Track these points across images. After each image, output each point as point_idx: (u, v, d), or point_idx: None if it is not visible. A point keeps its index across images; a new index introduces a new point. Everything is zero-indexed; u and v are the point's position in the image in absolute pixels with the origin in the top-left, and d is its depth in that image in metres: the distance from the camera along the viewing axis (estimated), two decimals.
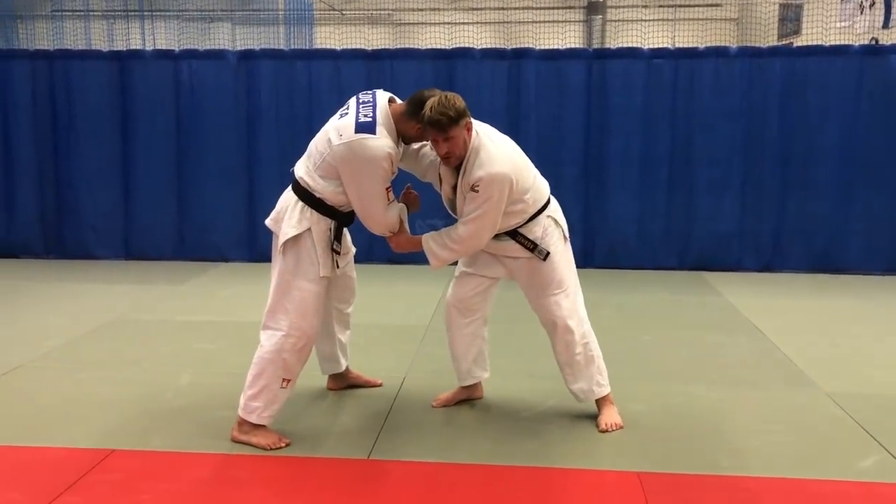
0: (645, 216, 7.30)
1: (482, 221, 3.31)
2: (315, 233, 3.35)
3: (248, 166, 7.52)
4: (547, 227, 3.47)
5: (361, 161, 3.24)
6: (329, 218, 3.38)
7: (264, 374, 3.37)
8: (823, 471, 3.20)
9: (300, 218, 3.34)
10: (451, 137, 3.23)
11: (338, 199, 3.36)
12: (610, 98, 7.23)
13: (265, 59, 7.50)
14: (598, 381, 3.59)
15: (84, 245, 7.70)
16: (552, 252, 3.46)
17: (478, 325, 3.73)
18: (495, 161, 3.27)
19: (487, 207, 3.27)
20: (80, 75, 7.53)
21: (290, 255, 3.36)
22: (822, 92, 7.01)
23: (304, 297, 3.36)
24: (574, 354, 3.53)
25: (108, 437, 3.46)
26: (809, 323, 5.56)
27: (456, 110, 3.20)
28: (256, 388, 3.37)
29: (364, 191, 3.30)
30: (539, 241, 3.44)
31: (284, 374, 3.38)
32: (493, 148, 3.32)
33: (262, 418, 3.38)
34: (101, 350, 4.79)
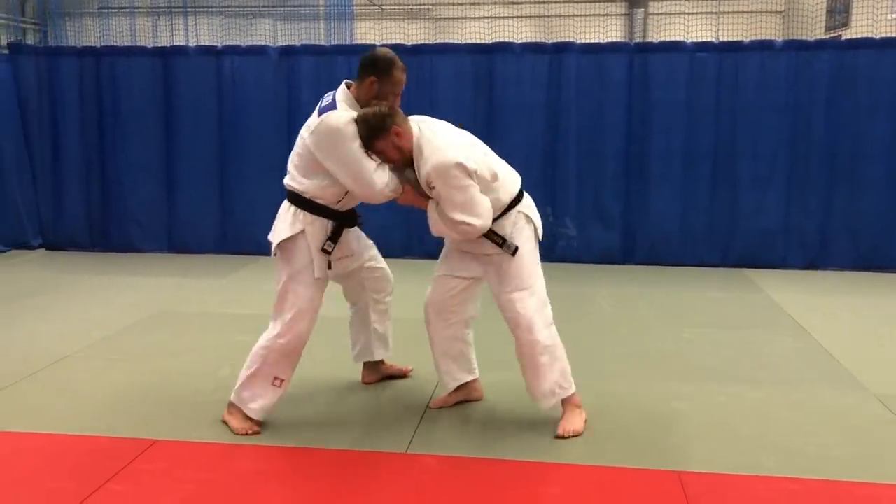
0: (687, 212, 7.20)
1: (463, 210, 3.20)
2: (309, 234, 3.36)
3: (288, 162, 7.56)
4: (517, 223, 3.39)
5: (330, 135, 3.21)
6: (324, 218, 3.38)
7: (254, 367, 3.47)
8: (872, 474, 3.13)
9: (293, 220, 3.37)
10: (380, 151, 3.24)
11: (327, 194, 3.35)
12: (652, 92, 7.14)
13: (306, 55, 7.55)
14: (560, 384, 3.45)
15: (129, 238, 7.84)
16: (521, 248, 3.37)
17: (457, 327, 3.65)
18: (437, 151, 3.20)
19: (454, 198, 3.20)
20: (126, 71, 7.66)
21: (286, 257, 3.41)
22: (871, 86, 6.83)
23: (298, 300, 3.41)
24: (537, 355, 3.40)
25: (152, 427, 3.52)
26: (856, 322, 5.43)
27: (368, 128, 3.19)
28: (245, 379, 3.49)
29: (344, 161, 3.22)
30: (508, 236, 3.35)
31: (274, 371, 3.46)
32: (434, 139, 3.25)
33: (250, 410, 3.46)
34: (145, 342, 4.88)
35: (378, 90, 3.30)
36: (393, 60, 3.32)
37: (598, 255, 7.33)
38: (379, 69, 3.29)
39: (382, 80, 3.29)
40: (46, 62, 7.75)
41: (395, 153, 3.26)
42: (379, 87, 3.29)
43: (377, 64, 3.30)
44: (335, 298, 5.76)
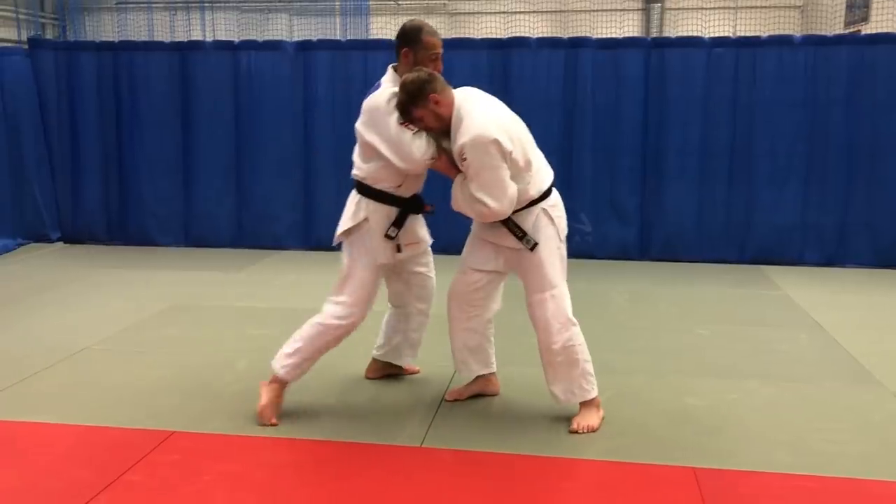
0: (704, 208, 7.17)
1: (488, 191, 3.19)
2: (372, 221, 3.41)
3: (305, 156, 7.62)
4: (539, 220, 3.35)
5: (371, 112, 3.32)
6: (388, 205, 3.42)
7: (306, 336, 3.51)
8: (887, 471, 3.11)
9: (356, 210, 3.45)
10: (418, 119, 3.25)
11: (386, 177, 3.38)
12: (669, 88, 7.11)
13: (322, 50, 7.56)
14: (581, 385, 3.45)
15: (146, 232, 7.91)
16: (541, 247, 3.35)
17: (479, 321, 3.65)
18: (476, 124, 3.19)
19: (483, 175, 3.18)
20: (144, 66, 7.71)
21: (351, 242, 3.48)
22: (891, 81, 6.77)
23: (359, 285, 3.46)
24: (554, 355, 3.42)
25: (170, 419, 3.56)
26: (873, 320, 5.40)
27: (408, 95, 3.21)
28: (293, 343, 3.53)
29: (384, 135, 3.28)
30: (529, 231, 3.34)
31: (323, 348, 3.53)
32: (476, 112, 3.24)
33: (287, 372, 3.51)
34: (162, 334, 4.92)
35: (414, 59, 3.37)
36: (420, 26, 3.40)
37: (613, 251, 7.31)
38: (409, 38, 3.38)
39: (415, 48, 3.36)
40: (65, 57, 7.81)
41: (434, 121, 3.26)
42: (413, 55, 3.37)
43: (406, 34, 3.40)
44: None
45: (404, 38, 3.40)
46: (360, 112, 3.39)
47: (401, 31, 3.43)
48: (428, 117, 3.25)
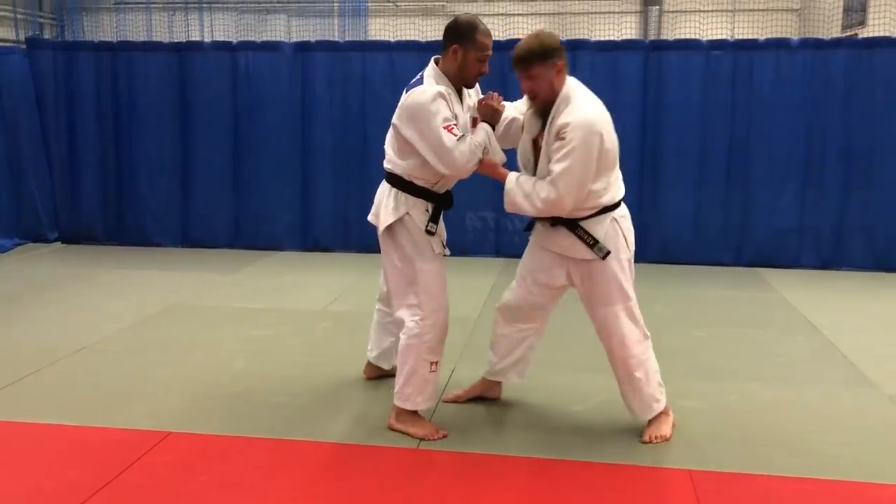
0: (701, 211, 7.18)
1: (570, 178, 3.05)
2: (414, 215, 3.31)
3: (303, 157, 7.62)
4: (608, 230, 3.24)
5: (414, 109, 3.17)
6: (425, 200, 3.33)
7: (409, 360, 3.36)
8: (883, 474, 3.12)
9: (395, 204, 3.31)
10: (534, 77, 3.12)
11: (425, 175, 3.30)
12: (666, 90, 7.12)
13: (320, 51, 7.56)
14: (656, 398, 3.41)
15: (144, 232, 7.90)
16: (612, 255, 3.24)
17: (525, 334, 3.57)
18: (587, 110, 3.09)
19: (574, 159, 3.04)
20: (142, 66, 7.71)
21: (402, 240, 3.34)
22: (888, 85, 6.78)
23: (427, 278, 3.34)
24: (631, 370, 3.35)
25: (167, 419, 3.56)
26: (870, 323, 5.41)
27: (543, 47, 3.08)
28: (405, 376, 3.39)
29: (426, 136, 3.15)
30: (602, 238, 3.23)
31: (430, 357, 3.37)
32: (588, 101, 3.15)
33: (417, 404, 3.40)
34: (160, 335, 4.92)
35: (462, 58, 3.22)
36: (475, 24, 3.23)
37: None
38: (462, 35, 3.21)
39: (466, 46, 3.21)
40: (63, 57, 7.81)
41: (545, 87, 3.14)
42: (463, 54, 3.22)
43: (459, 30, 3.23)
44: (344, 296, 5.78)
45: (456, 34, 3.22)
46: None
47: (453, 25, 3.25)
48: (543, 80, 3.12)
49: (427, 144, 3.18)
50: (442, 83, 3.25)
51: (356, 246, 7.65)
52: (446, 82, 3.27)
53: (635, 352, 3.34)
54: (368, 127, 7.46)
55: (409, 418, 3.42)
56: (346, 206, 7.63)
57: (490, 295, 5.98)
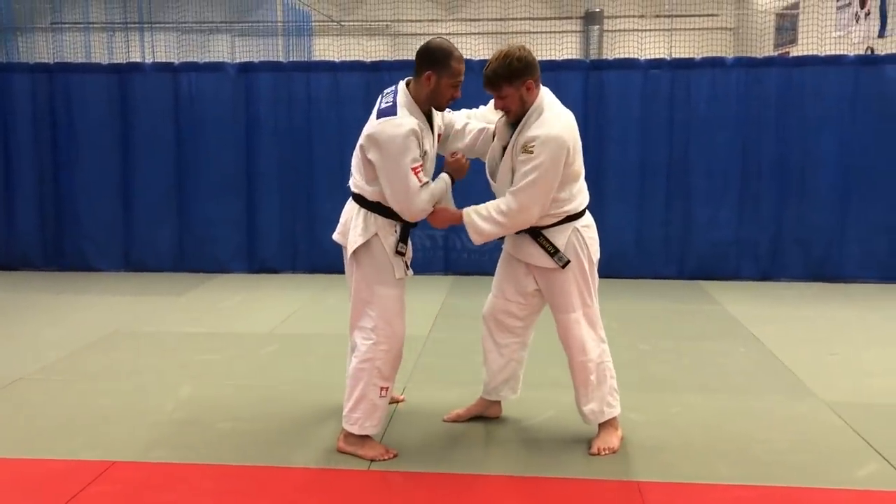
0: (643, 226, 7.33)
1: (533, 190, 3.13)
2: (382, 237, 3.30)
3: (248, 178, 7.55)
4: (570, 240, 3.33)
5: (384, 142, 3.15)
6: (393, 220, 3.31)
7: (360, 384, 3.34)
8: (823, 479, 3.22)
9: (365, 225, 3.29)
10: (504, 96, 3.19)
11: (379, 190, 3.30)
12: (607, 108, 7.27)
13: (264, 72, 7.53)
14: (609, 402, 3.49)
15: (84, 257, 7.72)
16: (573, 264, 3.34)
17: (514, 348, 3.62)
18: (555, 124, 3.16)
19: (539, 173, 3.11)
20: (81, 88, 7.56)
21: (365, 262, 3.32)
22: (818, 101, 7.04)
23: (386, 302, 3.33)
24: (588, 374, 3.44)
25: (110, 449, 3.47)
26: (808, 332, 5.57)
27: (510, 69, 3.13)
28: (354, 400, 3.36)
29: (389, 173, 3.16)
30: (561, 249, 3.32)
31: (380, 383, 3.36)
32: (555, 114, 3.21)
33: (364, 428, 3.36)
34: (102, 362, 4.80)
35: (436, 84, 3.22)
36: (450, 50, 3.22)
37: None
38: (436, 61, 3.21)
39: (440, 72, 3.20)
40: None
41: (516, 103, 3.20)
42: (437, 80, 3.21)
43: (434, 56, 3.22)
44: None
45: (431, 60, 3.21)
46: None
47: (426, 50, 3.23)
48: (513, 98, 3.18)
49: (390, 180, 3.19)
50: (414, 113, 3.23)
51: (303, 267, 7.61)
52: (418, 111, 3.25)
53: (593, 356, 3.44)
54: (314, 147, 7.46)
55: (358, 440, 3.40)
56: (293, 228, 7.59)
57: (440, 313, 6.00)
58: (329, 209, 7.45)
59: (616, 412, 3.52)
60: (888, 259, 7.10)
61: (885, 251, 7.10)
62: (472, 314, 3.70)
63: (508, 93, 3.18)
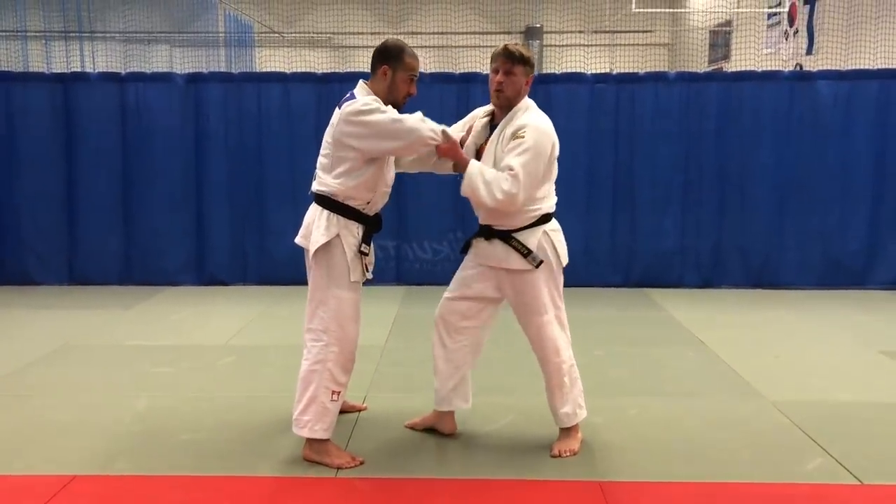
0: (590, 235, 7.49)
1: (528, 171, 3.26)
2: (343, 237, 3.34)
3: (197, 189, 7.47)
4: (541, 241, 3.44)
5: (353, 115, 3.24)
6: (356, 222, 3.38)
7: (311, 386, 3.36)
8: (772, 474, 3.37)
9: (328, 225, 3.33)
10: (513, 74, 3.37)
11: (359, 193, 3.35)
12: (554, 121, 7.30)
13: (213, 82, 7.48)
14: (580, 404, 3.59)
15: (25, 270, 7.51)
16: (543, 266, 3.44)
17: (465, 353, 3.65)
18: (543, 121, 3.40)
19: (532, 156, 3.27)
20: (21, 98, 7.38)
21: (322, 264, 3.36)
22: (755, 115, 7.33)
23: (340, 305, 3.36)
24: (562, 376, 3.53)
25: (69, 464, 3.42)
26: (750, 335, 5.79)
27: (527, 57, 3.39)
28: (304, 402, 3.37)
29: (380, 129, 3.24)
30: (536, 248, 3.42)
31: (332, 386, 3.37)
32: (541, 114, 3.45)
33: (315, 431, 3.36)
34: (52, 376, 4.71)
35: (392, 78, 3.37)
36: (402, 47, 3.41)
37: None
38: (390, 56, 3.37)
39: (394, 66, 3.37)
40: None
41: (514, 88, 3.39)
42: (392, 74, 3.36)
43: (388, 51, 3.38)
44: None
45: (385, 55, 3.38)
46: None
47: (382, 47, 3.40)
48: (516, 82, 3.38)
49: (377, 134, 3.25)
50: None
51: (254, 279, 7.56)
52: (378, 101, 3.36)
53: (566, 356, 3.54)
54: (264, 158, 7.43)
55: (323, 447, 3.42)
56: (243, 239, 7.54)
57: (395, 322, 6.04)
58: (280, 220, 7.48)
59: (584, 414, 3.62)
60: (822, 266, 7.41)
61: (820, 259, 7.41)
62: (426, 323, 3.77)
63: (517, 73, 3.38)
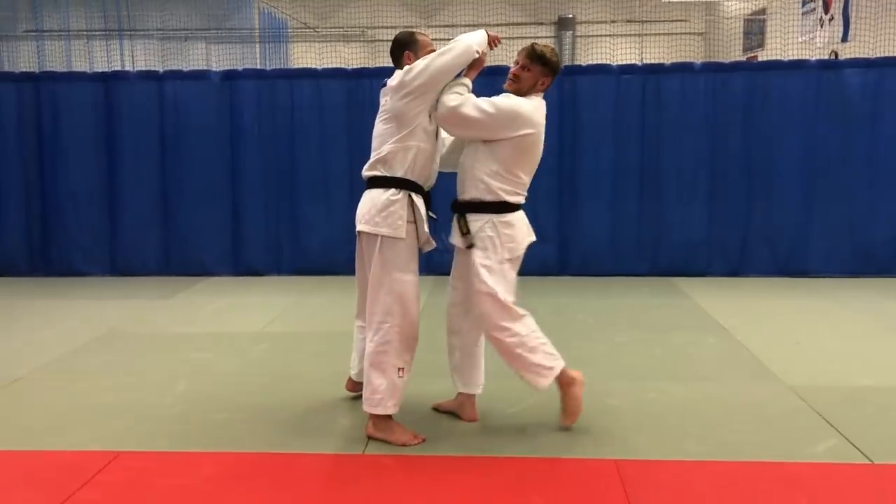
0: (617, 225, 7.59)
1: (487, 104, 3.53)
2: (415, 211, 3.58)
3: (232, 183, 7.72)
4: (484, 228, 3.60)
5: (402, 76, 3.51)
6: (412, 191, 3.58)
7: (380, 366, 3.55)
8: (786, 455, 3.47)
9: (393, 210, 3.53)
10: (529, 69, 3.64)
11: (410, 157, 3.55)
12: (581, 113, 7.52)
13: (247, 79, 7.71)
14: (546, 365, 3.66)
15: (70, 263, 7.84)
16: (477, 250, 3.59)
17: (460, 338, 3.84)
18: (527, 104, 3.60)
19: (499, 105, 3.54)
20: (66, 96, 7.69)
21: (386, 247, 3.55)
22: (782, 105, 7.36)
23: (403, 287, 3.57)
24: (511, 349, 3.64)
25: (115, 440, 3.64)
26: (773, 323, 5.86)
27: (549, 58, 3.64)
28: (375, 381, 3.56)
29: (425, 71, 3.47)
30: (474, 233, 3.60)
31: (398, 363, 3.57)
32: (535, 105, 3.64)
33: (387, 408, 3.55)
34: (97, 361, 4.96)
35: (416, 59, 3.62)
36: (411, 31, 3.80)
37: (534, 268, 7.60)
38: (407, 43, 3.70)
39: (415, 49, 3.67)
40: None
41: (528, 82, 3.66)
42: (415, 57, 3.63)
43: (402, 40, 3.72)
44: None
45: (404, 44, 3.70)
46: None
47: (396, 41, 3.73)
48: (530, 78, 3.64)
49: (426, 68, 3.48)
50: None
51: (288, 270, 7.79)
52: None
53: (504, 335, 3.63)
54: (297, 153, 7.65)
55: (387, 425, 3.60)
56: (278, 231, 7.77)
57: (424, 312, 6.19)
58: (312, 213, 7.70)
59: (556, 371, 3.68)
60: (848, 254, 7.43)
61: (847, 247, 7.43)
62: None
63: (533, 70, 3.65)
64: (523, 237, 3.74)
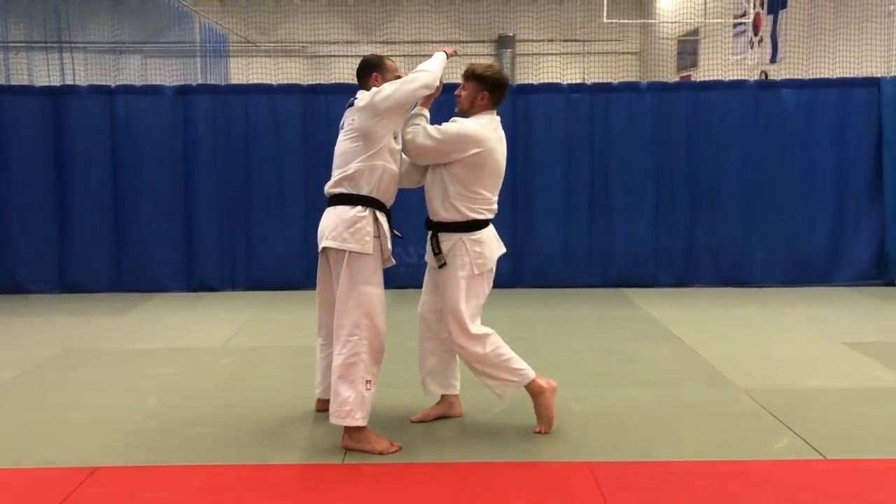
0: (569, 238, 7.81)
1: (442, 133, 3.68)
2: (379, 227, 3.67)
3: (186, 198, 7.66)
4: (457, 248, 3.74)
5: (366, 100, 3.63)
6: (374, 208, 3.67)
7: (349, 378, 3.60)
8: (743, 453, 3.67)
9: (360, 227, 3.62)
10: (464, 87, 3.81)
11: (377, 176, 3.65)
12: (534, 129, 7.73)
13: (201, 94, 7.69)
14: (509, 378, 3.81)
15: (15, 280, 7.64)
16: (448, 270, 3.74)
17: (436, 343, 3.98)
18: (474, 126, 3.73)
19: (450, 131, 3.70)
20: (11, 111, 7.53)
21: (353, 261, 3.63)
22: (723, 122, 7.71)
23: (370, 301, 3.64)
24: (472, 364, 3.82)
25: (91, 456, 3.61)
26: (722, 330, 6.12)
27: (483, 72, 3.78)
28: (344, 393, 3.60)
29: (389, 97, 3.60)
30: (445, 252, 3.75)
31: (366, 376, 3.63)
32: (480, 123, 3.75)
33: (356, 420, 3.59)
34: (58, 379, 4.89)
35: (383, 81, 3.76)
36: (380, 55, 3.94)
37: None
38: (374, 65, 3.85)
39: (381, 71, 3.82)
40: None
41: (466, 100, 3.80)
42: (382, 78, 3.78)
43: (370, 62, 3.87)
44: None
45: (372, 66, 3.84)
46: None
47: (364, 62, 3.88)
48: (468, 96, 3.79)
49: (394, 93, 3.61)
50: None
51: (242, 285, 7.75)
52: None
53: (470, 350, 3.78)
54: (252, 168, 7.65)
55: (362, 435, 3.65)
56: (232, 246, 7.74)
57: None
58: (267, 228, 7.70)
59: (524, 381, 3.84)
60: (788, 265, 7.80)
61: (786, 258, 7.79)
62: (412, 323, 4.09)
63: (468, 88, 3.80)
64: (492, 251, 3.88)
